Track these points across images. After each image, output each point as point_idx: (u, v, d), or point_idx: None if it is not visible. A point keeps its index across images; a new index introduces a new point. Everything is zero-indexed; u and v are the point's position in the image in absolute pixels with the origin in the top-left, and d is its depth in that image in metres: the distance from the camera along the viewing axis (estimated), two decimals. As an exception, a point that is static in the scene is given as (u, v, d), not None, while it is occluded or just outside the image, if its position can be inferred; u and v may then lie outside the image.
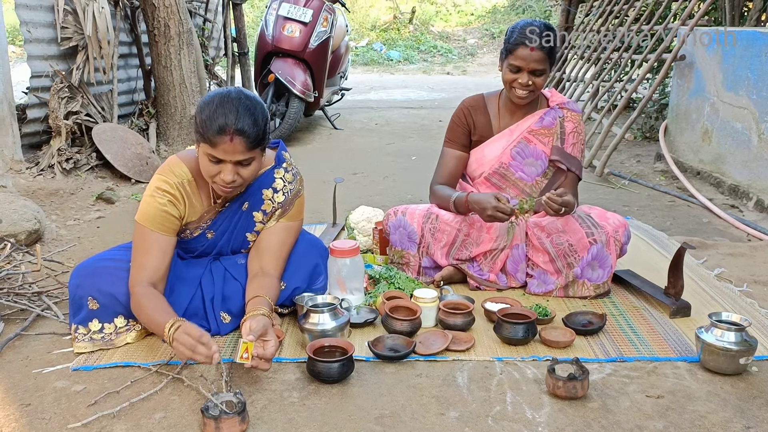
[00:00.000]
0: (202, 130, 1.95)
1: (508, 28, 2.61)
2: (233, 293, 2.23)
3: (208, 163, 2.00)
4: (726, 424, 1.74)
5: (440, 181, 2.73)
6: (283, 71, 5.70)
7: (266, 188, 2.22)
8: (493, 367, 2.03)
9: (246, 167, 2.01)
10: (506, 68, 2.56)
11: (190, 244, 2.29)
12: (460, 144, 2.74)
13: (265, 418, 1.76)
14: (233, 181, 2.00)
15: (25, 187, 3.89)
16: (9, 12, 4.98)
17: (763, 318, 2.36)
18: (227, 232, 2.25)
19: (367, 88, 10.13)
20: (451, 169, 2.74)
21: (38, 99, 4.35)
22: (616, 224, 2.53)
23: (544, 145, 2.68)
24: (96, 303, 2.11)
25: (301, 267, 2.32)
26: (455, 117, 2.75)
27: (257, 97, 2.04)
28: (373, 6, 16.48)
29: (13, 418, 1.77)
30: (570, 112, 2.71)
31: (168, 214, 2.09)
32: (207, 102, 1.98)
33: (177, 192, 2.11)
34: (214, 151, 1.95)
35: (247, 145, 1.95)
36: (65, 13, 4.39)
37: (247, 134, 1.93)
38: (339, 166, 5.02)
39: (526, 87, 2.54)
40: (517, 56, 2.50)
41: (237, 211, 2.23)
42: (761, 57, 3.95)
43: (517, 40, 2.49)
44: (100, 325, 2.12)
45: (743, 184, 4.06)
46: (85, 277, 2.13)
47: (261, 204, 2.23)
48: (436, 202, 2.69)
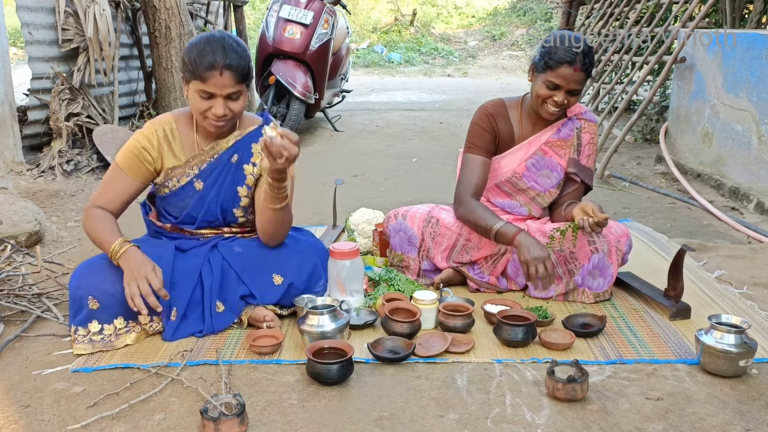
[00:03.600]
0: (192, 68, 2.10)
1: (545, 39, 2.47)
2: (229, 281, 2.26)
3: (199, 100, 2.14)
4: (726, 427, 1.73)
5: (470, 191, 2.54)
6: (284, 73, 5.70)
7: (255, 143, 2.31)
8: (493, 369, 2.03)
9: (235, 101, 2.16)
10: (542, 83, 2.43)
11: (178, 196, 2.31)
12: (486, 150, 2.58)
13: (264, 420, 1.76)
14: (225, 115, 2.14)
15: (26, 188, 3.89)
16: (10, 14, 4.99)
17: (763, 320, 2.36)
18: (216, 185, 2.30)
19: (368, 90, 10.14)
20: (481, 177, 2.56)
21: (39, 101, 4.36)
22: (618, 233, 2.51)
23: (560, 157, 2.61)
24: (96, 303, 2.11)
25: (300, 265, 2.34)
26: (480, 122, 2.59)
27: (239, 38, 2.21)
28: (374, 8, 16.50)
29: (13, 420, 1.77)
30: (587, 123, 2.63)
31: (139, 158, 2.24)
32: (194, 43, 2.14)
33: (155, 139, 2.25)
34: (206, 86, 2.10)
35: (236, 79, 2.11)
36: (66, 15, 4.40)
37: (235, 68, 2.10)
38: (339, 168, 5.02)
39: (560, 106, 2.45)
40: (558, 74, 2.38)
41: (227, 164, 2.30)
42: (761, 59, 3.95)
43: (561, 58, 2.37)
44: (100, 326, 2.12)
45: (744, 186, 4.06)
46: (86, 277, 2.14)
47: (250, 157, 2.32)
48: (470, 219, 2.51)
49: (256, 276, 2.29)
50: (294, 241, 2.41)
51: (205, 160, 2.29)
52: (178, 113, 2.33)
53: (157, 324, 2.21)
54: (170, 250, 2.26)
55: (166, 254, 2.23)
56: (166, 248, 2.27)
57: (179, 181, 2.29)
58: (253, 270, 2.29)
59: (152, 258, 2.14)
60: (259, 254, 2.32)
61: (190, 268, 2.25)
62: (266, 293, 2.29)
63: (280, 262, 2.32)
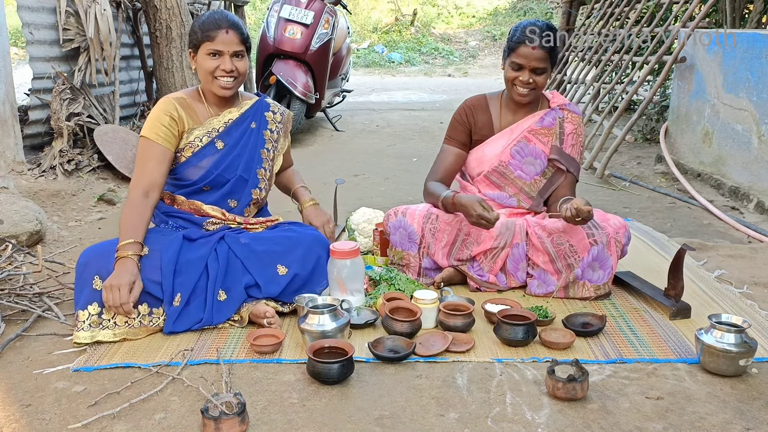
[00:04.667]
0: (200, 32, 2.38)
1: (511, 28, 2.65)
2: (234, 271, 2.32)
3: (209, 60, 2.39)
4: (725, 426, 1.74)
5: (435, 177, 2.74)
6: (284, 73, 5.71)
7: (266, 111, 2.62)
8: (493, 368, 2.04)
9: (240, 60, 2.42)
10: (508, 66, 2.60)
11: (200, 156, 2.46)
12: (460, 142, 2.75)
13: (264, 419, 1.77)
14: (232, 71, 2.39)
15: (27, 188, 3.89)
16: (11, 14, 4.99)
17: (762, 319, 2.36)
18: (239, 145, 2.51)
19: (369, 90, 10.15)
20: (448, 166, 2.75)
21: (40, 100, 4.36)
22: (616, 225, 2.54)
23: (544, 145, 2.69)
24: (101, 282, 2.17)
25: (304, 256, 2.40)
26: (456, 115, 2.77)
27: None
28: (374, 8, 16.51)
29: (14, 419, 1.78)
30: (570, 114, 2.72)
31: (164, 124, 2.39)
32: (198, 17, 2.49)
33: (173, 108, 2.43)
34: (214, 45, 2.37)
35: (239, 37, 2.40)
36: (67, 15, 4.40)
37: (239, 27, 2.41)
38: (340, 168, 5.02)
39: (527, 85, 2.57)
40: (519, 54, 2.54)
41: (247, 129, 2.55)
42: (761, 59, 3.95)
43: (519, 39, 2.54)
44: (99, 309, 2.17)
45: (744, 185, 4.06)
46: (93, 258, 2.23)
47: (267, 124, 2.61)
48: (427, 199, 2.71)
49: (261, 266, 2.34)
50: (298, 234, 2.46)
51: (222, 122, 2.50)
52: (185, 92, 2.54)
53: (157, 318, 2.23)
54: (178, 239, 2.32)
55: (174, 243, 2.29)
56: (174, 237, 2.33)
57: (201, 141, 2.46)
58: (258, 260, 2.34)
59: (160, 246, 2.25)
60: (265, 245, 2.39)
61: (197, 257, 2.30)
62: (270, 283, 2.33)
63: (285, 253, 2.38)
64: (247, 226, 2.53)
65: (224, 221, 2.49)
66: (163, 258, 2.24)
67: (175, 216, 2.48)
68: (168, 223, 2.48)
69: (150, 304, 2.22)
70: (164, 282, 2.22)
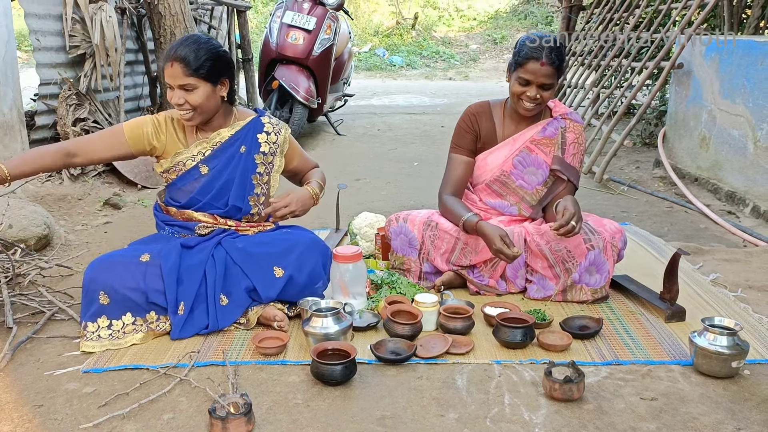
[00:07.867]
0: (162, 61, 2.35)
1: (518, 40, 2.62)
2: (233, 275, 2.35)
3: (168, 91, 2.35)
4: (717, 426, 1.78)
5: (450, 189, 2.71)
6: (287, 78, 5.76)
7: (259, 133, 2.52)
8: (492, 370, 2.08)
9: (190, 93, 2.30)
10: (515, 80, 2.57)
11: (185, 180, 2.46)
12: (468, 150, 2.74)
13: (270, 419, 1.81)
14: (181, 104, 2.31)
15: (34, 192, 3.95)
16: (15, 18, 5.04)
17: (756, 322, 2.41)
18: (227, 171, 2.46)
19: (370, 94, 10.18)
20: (459, 176, 2.73)
21: (47, 106, 4.42)
22: (612, 230, 2.58)
23: (546, 155, 2.70)
24: (107, 297, 2.20)
25: (299, 259, 2.39)
26: (462, 123, 2.75)
27: (214, 40, 2.41)
28: (375, 11, 16.56)
29: (27, 419, 1.83)
30: (572, 123, 2.72)
31: (143, 129, 2.41)
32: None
33: (164, 123, 2.44)
34: (165, 77, 2.32)
35: (184, 71, 2.27)
36: (73, 21, 4.46)
37: (183, 60, 2.27)
38: (342, 172, 5.06)
39: (533, 100, 2.56)
40: (527, 70, 2.51)
41: (235, 154, 2.47)
42: (757, 65, 4.00)
43: (527, 55, 2.50)
44: (109, 321, 2.20)
45: (740, 190, 4.10)
46: (99, 272, 2.23)
47: (259, 147, 2.51)
48: (446, 216, 2.67)
49: (258, 269, 2.35)
50: (294, 237, 2.48)
51: (210, 145, 2.45)
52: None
53: (164, 323, 2.27)
54: (176, 247, 2.34)
55: (173, 251, 2.32)
56: (173, 245, 2.35)
57: (185, 165, 2.44)
58: (255, 263, 2.36)
59: (159, 254, 2.26)
60: (260, 248, 2.40)
61: (196, 263, 2.33)
62: (268, 287, 2.34)
63: (280, 256, 2.38)
64: (238, 229, 2.52)
65: (216, 225, 2.49)
66: (164, 267, 2.25)
67: (171, 224, 2.52)
68: (165, 229, 2.53)
69: (157, 312, 2.26)
70: (168, 291, 2.24)
